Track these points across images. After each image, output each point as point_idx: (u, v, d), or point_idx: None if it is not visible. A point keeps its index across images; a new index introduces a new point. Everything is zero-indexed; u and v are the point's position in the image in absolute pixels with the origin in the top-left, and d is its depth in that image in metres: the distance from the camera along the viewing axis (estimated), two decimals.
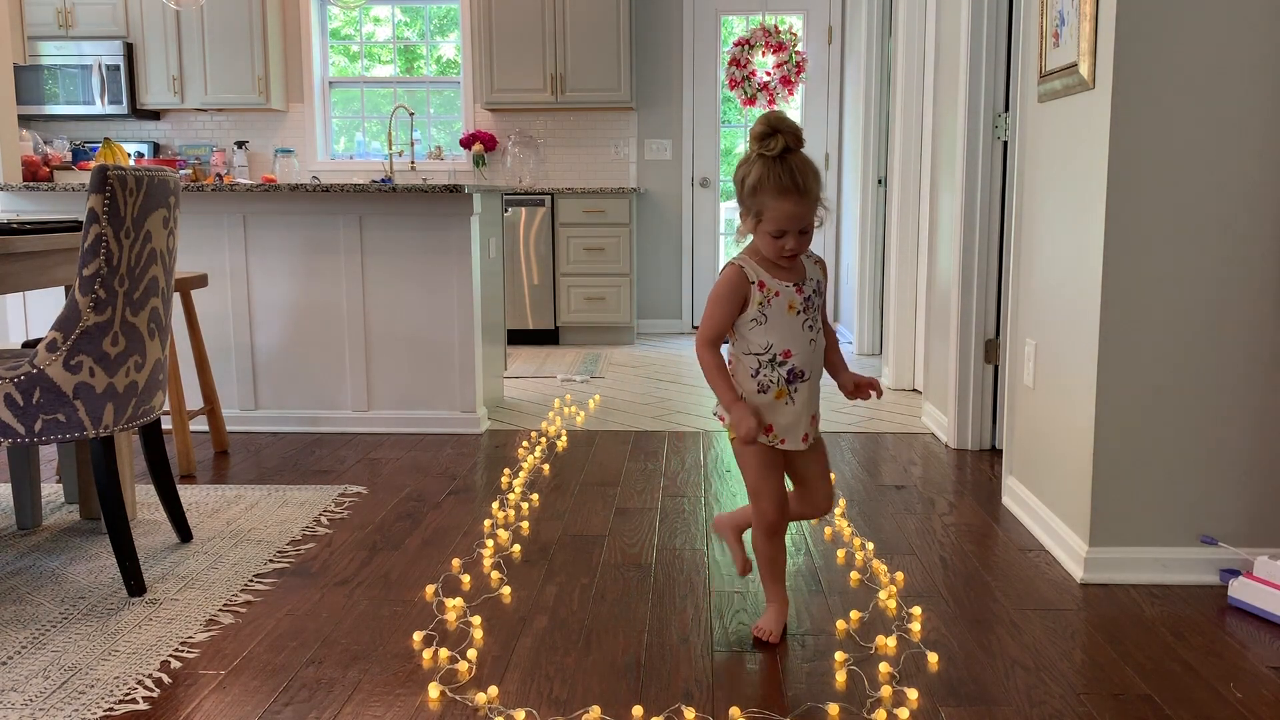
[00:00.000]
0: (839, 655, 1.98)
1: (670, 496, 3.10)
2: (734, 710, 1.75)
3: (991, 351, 3.62)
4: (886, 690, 1.86)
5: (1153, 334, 2.36)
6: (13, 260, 2.42)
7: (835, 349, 2.09)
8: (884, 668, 1.94)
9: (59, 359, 2.19)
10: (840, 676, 1.91)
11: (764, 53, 6.81)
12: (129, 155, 5.12)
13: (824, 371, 2.07)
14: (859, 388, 2.07)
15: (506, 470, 3.37)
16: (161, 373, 2.47)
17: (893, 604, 2.26)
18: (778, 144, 1.86)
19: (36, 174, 6.27)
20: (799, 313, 1.96)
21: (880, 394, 2.06)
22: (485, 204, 4.17)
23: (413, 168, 6.67)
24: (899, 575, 2.41)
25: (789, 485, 2.12)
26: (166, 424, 3.73)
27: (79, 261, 2.19)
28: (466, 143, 6.79)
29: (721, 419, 2.05)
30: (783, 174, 1.85)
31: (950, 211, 3.84)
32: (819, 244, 7.03)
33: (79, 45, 6.59)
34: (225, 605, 2.26)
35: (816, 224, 1.94)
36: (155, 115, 6.96)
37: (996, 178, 3.54)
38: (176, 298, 3.55)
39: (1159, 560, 2.41)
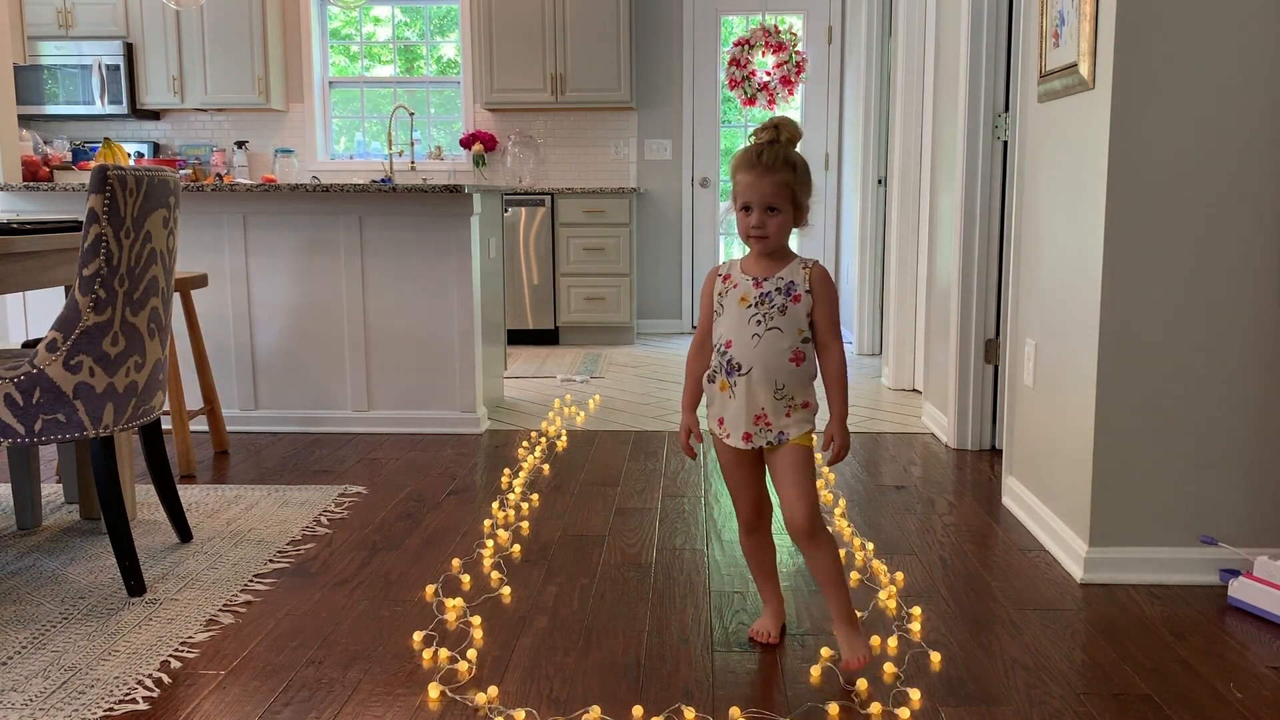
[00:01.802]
0: (824, 651, 1.99)
1: (670, 496, 3.10)
2: (734, 710, 1.75)
3: (991, 351, 3.62)
4: (862, 684, 1.86)
5: (1153, 334, 2.36)
6: (13, 260, 2.42)
7: (831, 382, 1.97)
8: (888, 668, 1.94)
9: (59, 359, 2.19)
10: (815, 672, 1.91)
11: (764, 53, 6.80)
12: (129, 155, 5.12)
13: (783, 380, 1.93)
14: (830, 440, 1.97)
15: (506, 470, 3.37)
16: (161, 373, 2.47)
17: (893, 604, 2.26)
18: (766, 134, 1.89)
19: (36, 174, 6.27)
20: (750, 306, 1.92)
21: (826, 463, 1.98)
22: (485, 204, 4.17)
23: (413, 168, 6.67)
24: (899, 575, 2.41)
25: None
26: (166, 424, 3.73)
27: (79, 261, 2.19)
28: (466, 143, 6.79)
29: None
30: (749, 150, 1.89)
31: (950, 211, 3.84)
32: (821, 244, 7.04)
33: (79, 45, 6.59)
34: (225, 605, 2.26)
35: (808, 223, 1.93)
36: (155, 115, 6.96)
37: (996, 178, 3.54)
38: (176, 298, 3.55)
39: (1159, 560, 2.41)
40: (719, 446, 2.02)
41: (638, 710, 1.76)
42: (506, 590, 2.35)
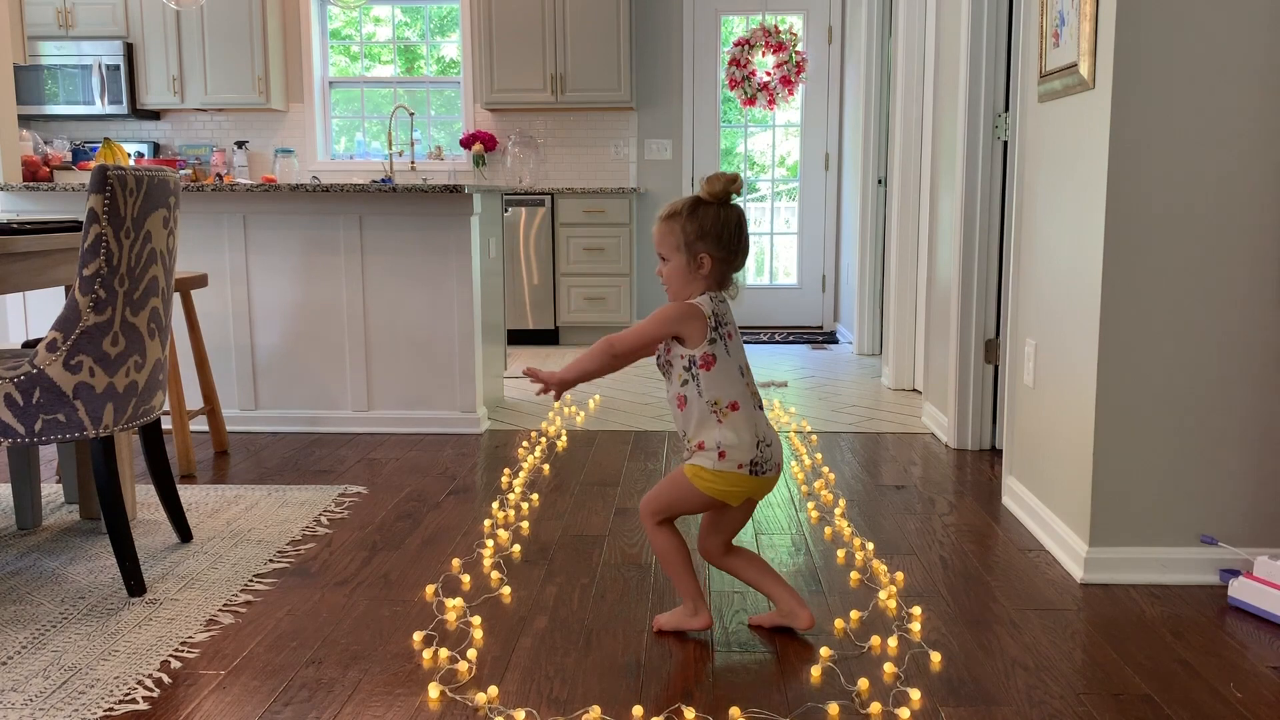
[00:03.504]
0: (824, 651, 1.99)
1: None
2: (734, 710, 1.75)
3: (991, 351, 3.62)
4: (863, 682, 1.87)
5: (1153, 334, 2.36)
6: (13, 260, 2.42)
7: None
8: (888, 668, 1.94)
9: (59, 359, 2.19)
10: (815, 672, 1.91)
11: (764, 53, 6.81)
12: (129, 155, 5.12)
13: (682, 426, 2.06)
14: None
15: (506, 470, 3.37)
16: (161, 373, 2.47)
17: (893, 604, 2.26)
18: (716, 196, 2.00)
19: (36, 174, 6.27)
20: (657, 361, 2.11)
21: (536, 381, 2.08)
22: (485, 204, 4.17)
23: (413, 168, 6.67)
24: (899, 575, 2.41)
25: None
26: (166, 424, 3.73)
27: (79, 261, 2.19)
28: (466, 143, 6.79)
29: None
30: None
31: (950, 211, 3.84)
32: (821, 244, 7.03)
33: (79, 45, 6.59)
34: (225, 605, 2.26)
35: (732, 282, 2.03)
36: (155, 115, 6.96)
37: (996, 178, 3.54)
38: (176, 298, 3.55)
39: (1159, 560, 2.41)
40: None
41: (638, 710, 1.76)
42: (506, 590, 2.35)
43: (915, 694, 1.83)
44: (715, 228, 1.97)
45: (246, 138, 6.97)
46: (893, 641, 2.05)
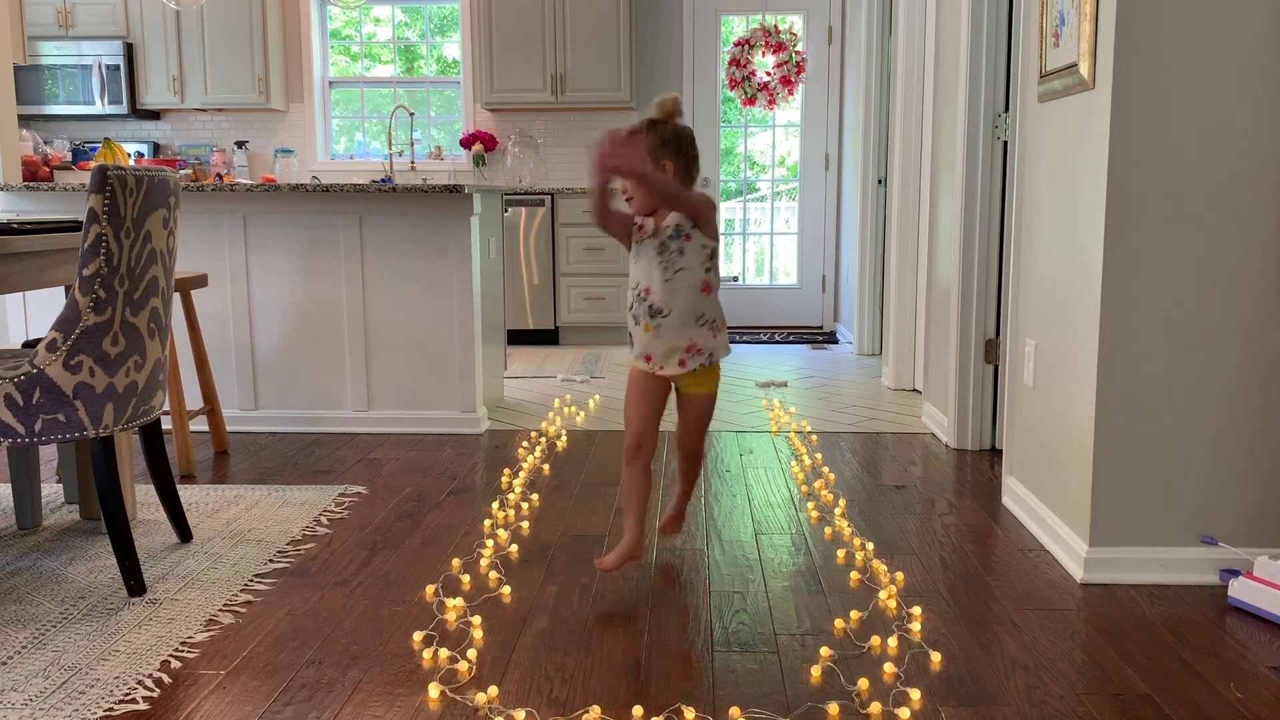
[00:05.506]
0: (824, 651, 1.99)
1: (670, 497, 3.10)
2: (734, 710, 1.75)
3: (991, 351, 3.62)
4: (863, 683, 1.87)
5: (1153, 334, 2.36)
6: (13, 260, 2.42)
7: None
8: (888, 668, 1.94)
9: (59, 359, 2.19)
10: (815, 672, 1.91)
11: (764, 53, 6.81)
12: (129, 155, 5.12)
13: (699, 310, 2.28)
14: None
15: (506, 470, 3.37)
16: (161, 373, 2.47)
17: (893, 604, 2.26)
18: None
19: (36, 174, 6.27)
20: (657, 253, 2.27)
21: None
22: (485, 204, 4.17)
23: (413, 168, 6.67)
24: (899, 575, 2.41)
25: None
26: (166, 424, 3.73)
27: (79, 261, 2.19)
28: (466, 143, 6.79)
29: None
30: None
31: (950, 211, 3.84)
32: (821, 244, 7.03)
33: (79, 45, 6.59)
34: (225, 605, 2.26)
35: (663, 170, 2.31)
36: (155, 115, 6.96)
37: (996, 178, 3.54)
38: (176, 298, 3.55)
39: (1159, 560, 2.41)
40: (639, 378, 2.36)
41: (638, 710, 1.76)
42: (506, 590, 2.35)
43: (915, 694, 1.83)
44: (673, 139, 2.27)
45: (246, 138, 6.97)
46: (893, 641, 2.05)
